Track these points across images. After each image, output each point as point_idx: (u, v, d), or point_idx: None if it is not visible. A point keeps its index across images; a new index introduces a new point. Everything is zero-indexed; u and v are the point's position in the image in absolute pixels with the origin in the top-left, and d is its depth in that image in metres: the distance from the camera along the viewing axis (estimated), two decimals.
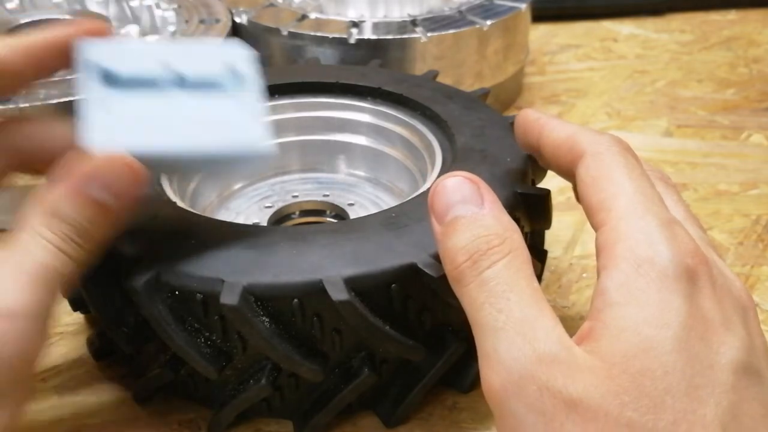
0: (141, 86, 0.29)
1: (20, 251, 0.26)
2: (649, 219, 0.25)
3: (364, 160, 0.45)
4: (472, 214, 0.26)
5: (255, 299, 0.29)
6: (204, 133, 0.29)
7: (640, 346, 0.22)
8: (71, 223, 0.26)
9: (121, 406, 0.34)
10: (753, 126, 0.59)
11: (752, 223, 0.48)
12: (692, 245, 0.25)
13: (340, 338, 0.30)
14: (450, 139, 0.39)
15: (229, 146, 0.30)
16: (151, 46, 0.29)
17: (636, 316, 0.23)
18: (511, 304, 0.24)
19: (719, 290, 0.24)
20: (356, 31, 0.54)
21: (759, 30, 0.78)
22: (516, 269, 0.25)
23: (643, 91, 0.65)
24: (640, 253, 0.24)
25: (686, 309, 0.23)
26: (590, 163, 0.28)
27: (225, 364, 0.31)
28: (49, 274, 0.26)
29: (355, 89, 0.44)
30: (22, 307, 0.25)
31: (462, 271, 0.25)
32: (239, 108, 0.30)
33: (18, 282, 0.25)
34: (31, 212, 0.26)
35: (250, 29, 0.57)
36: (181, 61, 0.30)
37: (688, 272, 0.24)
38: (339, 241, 0.30)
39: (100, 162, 0.27)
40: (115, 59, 0.29)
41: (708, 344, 0.23)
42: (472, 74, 0.57)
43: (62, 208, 0.26)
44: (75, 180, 0.27)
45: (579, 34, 0.77)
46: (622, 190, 0.26)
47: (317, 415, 0.32)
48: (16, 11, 0.60)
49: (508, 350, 0.23)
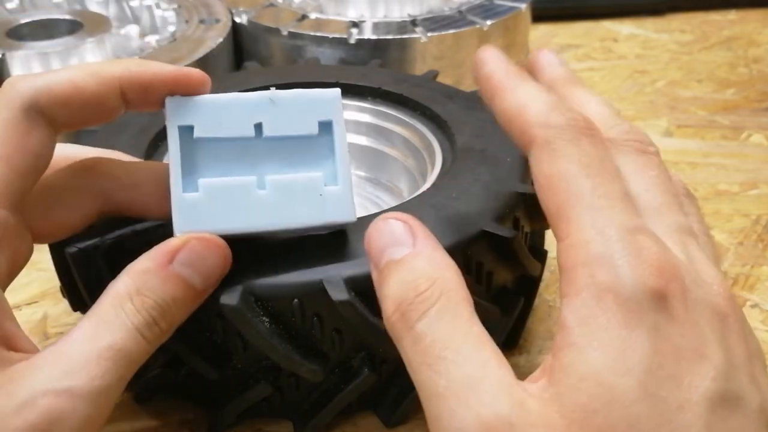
0: (227, 151, 0.29)
1: (101, 327, 0.25)
2: (610, 233, 0.22)
3: (364, 160, 0.45)
4: (401, 257, 0.25)
5: (255, 299, 0.29)
6: (290, 207, 0.29)
7: (601, 398, 0.20)
8: (157, 301, 0.26)
9: (121, 406, 0.34)
10: (753, 126, 0.59)
11: (752, 223, 0.48)
12: (659, 260, 0.22)
13: (340, 338, 0.30)
14: (450, 139, 0.39)
15: (313, 221, 0.29)
16: (241, 101, 0.28)
17: (597, 362, 0.21)
18: (449, 365, 0.22)
19: (693, 307, 0.22)
20: (356, 31, 0.54)
21: (759, 30, 0.78)
22: (451, 316, 0.23)
23: (643, 91, 0.65)
24: (601, 281, 0.22)
25: (651, 345, 0.21)
26: (541, 156, 0.25)
27: (225, 364, 0.31)
28: (123, 356, 0.25)
29: (355, 89, 0.44)
30: (85, 388, 0.24)
31: (393, 324, 0.24)
32: (324, 174, 0.29)
33: (89, 361, 0.24)
34: (118, 284, 0.26)
35: (250, 29, 0.57)
36: (270, 118, 0.29)
37: (655, 297, 0.21)
38: (339, 241, 0.30)
39: (192, 242, 0.27)
40: (202, 118, 0.28)
41: (677, 382, 0.21)
42: (472, 74, 0.57)
43: (151, 283, 0.26)
44: (166, 257, 0.26)
45: (579, 34, 0.77)
46: (578, 192, 0.23)
47: (317, 415, 0.32)
48: (16, 11, 0.60)
49: (451, 421, 0.21)
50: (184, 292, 0.26)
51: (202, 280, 0.27)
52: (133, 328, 0.25)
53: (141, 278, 0.26)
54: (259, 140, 0.29)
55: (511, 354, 0.37)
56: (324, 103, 0.30)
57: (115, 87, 0.27)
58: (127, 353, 0.25)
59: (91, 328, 0.25)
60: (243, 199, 0.28)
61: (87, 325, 0.25)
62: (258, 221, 0.28)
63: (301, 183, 0.29)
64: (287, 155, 0.29)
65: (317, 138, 0.30)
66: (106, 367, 0.24)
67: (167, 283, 0.26)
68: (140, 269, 0.26)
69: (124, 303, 0.25)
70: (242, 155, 0.29)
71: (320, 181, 0.29)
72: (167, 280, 0.26)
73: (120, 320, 0.25)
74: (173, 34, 0.55)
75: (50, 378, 0.23)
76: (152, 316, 0.26)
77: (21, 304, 0.41)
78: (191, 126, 0.28)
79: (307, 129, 0.29)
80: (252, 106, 0.29)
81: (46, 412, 0.23)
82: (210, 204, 0.28)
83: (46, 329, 0.39)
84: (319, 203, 0.29)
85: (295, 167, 0.29)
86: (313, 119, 0.29)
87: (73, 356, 0.24)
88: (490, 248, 0.31)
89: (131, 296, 0.25)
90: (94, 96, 0.27)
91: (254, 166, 0.29)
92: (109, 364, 0.24)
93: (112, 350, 0.24)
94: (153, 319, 0.26)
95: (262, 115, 0.29)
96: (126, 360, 0.25)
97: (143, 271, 0.26)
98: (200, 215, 0.28)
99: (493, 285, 0.33)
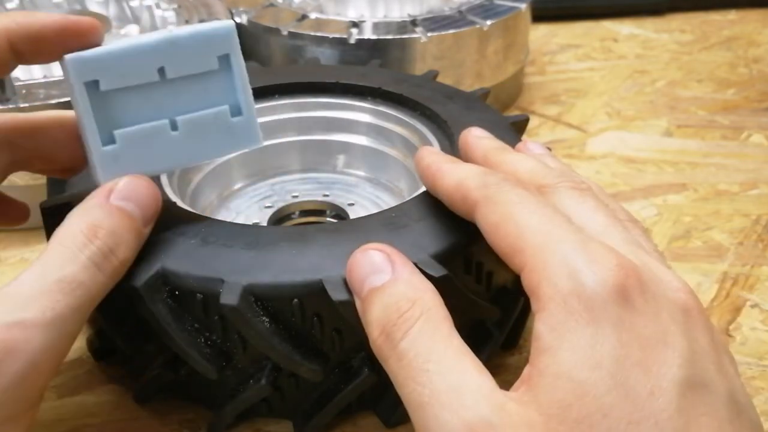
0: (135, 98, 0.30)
1: (49, 263, 0.26)
2: (563, 247, 0.24)
3: (364, 160, 0.45)
4: (382, 283, 0.26)
5: (255, 299, 0.29)
6: (202, 142, 0.31)
7: (575, 392, 0.22)
8: (109, 229, 0.27)
9: (121, 406, 0.34)
10: (753, 126, 0.59)
11: (752, 223, 0.48)
12: (614, 260, 0.24)
13: (340, 338, 0.30)
14: (450, 139, 0.39)
15: (225, 151, 0.32)
16: (141, 48, 0.29)
17: (569, 361, 0.22)
18: (431, 376, 0.23)
19: (653, 299, 0.23)
20: (356, 31, 0.54)
21: (759, 30, 0.78)
22: (431, 332, 0.24)
23: (643, 91, 0.65)
24: (563, 287, 0.23)
25: (617, 337, 0.22)
26: (485, 210, 0.27)
27: (225, 364, 0.31)
28: (76, 287, 0.25)
29: (355, 89, 0.44)
30: (37, 318, 0.24)
31: (379, 346, 0.25)
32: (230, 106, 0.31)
33: (40, 294, 0.25)
34: (65, 225, 0.27)
35: (250, 29, 0.57)
36: (171, 61, 0.30)
37: (615, 292, 0.23)
38: (339, 241, 0.30)
39: (122, 180, 0.29)
40: (104, 70, 0.29)
41: (646, 369, 0.22)
42: (472, 74, 0.57)
43: (98, 214, 0.27)
44: (104, 194, 0.28)
45: (579, 34, 0.77)
46: (525, 226, 0.25)
47: (317, 415, 0.32)
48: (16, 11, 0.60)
49: (437, 426, 0.22)
50: (129, 223, 0.28)
51: (140, 211, 0.28)
52: (86, 259, 0.26)
53: (88, 214, 0.27)
54: (164, 83, 0.30)
55: (510, 354, 0.37)
56: (220, 38, 0.31)
57: (2, 39, 0.28)
58: (80, 284, 0.26)
59: (40, 265, 0.26)
60: (158, 143, 0.30)
61: (36, 264, 0.26)
62: (175, 160, 0.31)
63: (210, 119, 0.31)
64: (192, 93, 0.31)
65: (218, 72, 0.31)
66: (57, 299, 0.25)
67: (112, 214, 0.28)
68: (83, 209, 0.28)
69: (75, 238, 0.26)
70: (149, 100, 0.30)
71: (227, 114, 0.31)
72: (111, 212, 0.28)
73: (70, 254, 0.26)
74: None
75: (2, 312, 0.24)
76: (107, 245, 0.27)
77: None
78: (96, 80, 0.29)
79: (208, 65, 0.30)
80: (151, 51, 0.29)
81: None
82: (129, 152, 0.30)
83: None
84: (228, 134, 0.31)
85: (201, 103, 0.31)
86: (212, 55, 0.30)
87: (24, 291, 0.25)
88: (490, 248, 0.31)
89: (82, 230, 0.27)
90: None
91: (163, 108, 0.30)
92: (61, 295, 0.25)
93: (63, 282, 0.25)
94: (108, 248, 0.27)
95: (162, 59, 0.30)
96: (81, 290, 0.25)
97: (86, 209, 0.28)
98: (121, 164, 0.29)
99: (493, 285, 0.33)
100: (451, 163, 0.31)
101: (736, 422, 0.22)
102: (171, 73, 0.30)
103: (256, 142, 0.32)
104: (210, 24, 0.31)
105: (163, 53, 0.30)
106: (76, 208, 0.28)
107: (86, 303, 0.26)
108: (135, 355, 0.33)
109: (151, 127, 0.30)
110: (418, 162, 0.33)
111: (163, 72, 0.30)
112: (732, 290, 0.42)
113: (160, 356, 0.32)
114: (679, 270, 0.26)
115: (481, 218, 0.27)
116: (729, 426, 0.22)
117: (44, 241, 0.34)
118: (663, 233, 0.47)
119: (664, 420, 0.21)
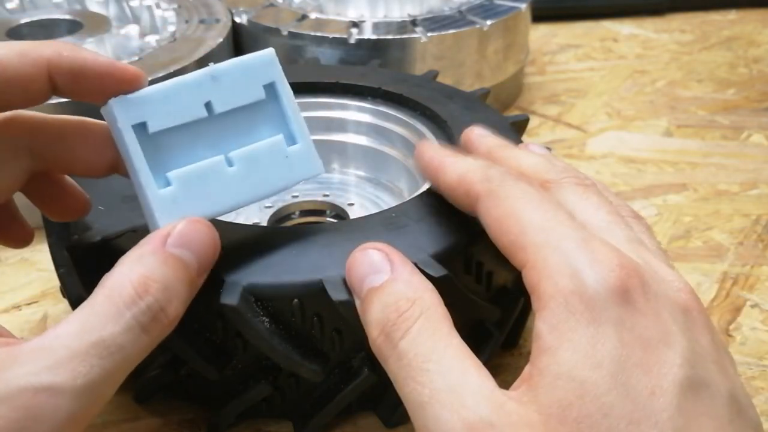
0: (184, 137, 0.28)
1: (92, 319, 0.23)
2: (565, 245, 0.24)
3: (364, 160, 0.45)
4: (381, 283, 0.26)
5: (255, 299, 0.29)
6: (261, 176, 0.29)
7: (575, 392, 0.21)
8: (163, 283, 0.25)
9: (121, 406, 0.34)
10: (753, 126, 0.59)
11: (752, 223, 0.48)
12: (616, 259, 0.24)
13: (340, 338, 0.30)
14: (450, 139, 0.39)
15: (285, 183, 0.30)
16: (183, 85, 0.28)
17: (569, 360, 0.22)
18: (432, 375, 0.23)
19: (654, 299, 0.23)
20: (356, 31, 0.54)
21: (759, 30, 0.78)
22: (431, 331, 0.24)
23: (643, 91, 0.65)
24: (564, 287, 0.23)
25: (618, 338, 0.22)
26: (488, 204, 0.27)
27: (225, 364, 0.31)
28: (114, 352, 0.23)
29: (355, 89, 0.44)
30: (68, 384, 0.22)
31: (379, 346, 0.25)
32: (284, 135, 0.30)
33: (75, 356, 0.23)
34: (114, 274, 0.25)
35: (250, 29, 0.57)
36: (217, 94, 0.29)
37: (617, 292, 0.23)
38: (339, 241, 0.30)
39: (180, 225, 0.26)
40: (151, 112, 0.28)
41: (646, 370, 0.22)
42: (472, 74, 0.57)
43: (151, 265, 0.25)
44: (160, 241, 0.26)
45: (579, 34, 0.77)
46: (528, 223, 0.25)
47: (317, 415, 0.32)
48: (16, 11, 0.60)
49: (437, 425, 0.22)
50: (184, 275, 0.26)
51: (197, 260, 0.26)
52: (132, 319, 0.24)
53: (140, 263, 0.25)
54: (212, 118, 0.29)
55: (510, 354, 0.37)
56: (263, 67, 0.30)
57: (42, 69, 0.26)
58: (120, 347, 0.23)
59: (80, 320, 0.23)
60: (215, 181, 0.28)
61: (77, 318, 0.24)
62: (235, 197, 0.29)
63: (266, 150, 0.29)
64: (242, 126, 0.30)
65: (265, 102, 0.30)
66: (92, 363, 0.23)
67: (166, 264, 0.25)
68: (136, 256, 0.25)
69: (122, 291, 0.24)
70: (199, 137, 0.29)
71: (282, 144, 0.30)
72: (166, 261, 0.25)
73: (115, 311, 0.24)
74: (173, 34, 0.55)
75: (31, 372, 0.22)
76: (158, 302, 0.24)
77: (21, 304, 0.41)
78: (144, 122, 0.28)
79: (255, 95, 0.29)
80: (195, 87, 0.28)
81: (24, 408, 0.22)
82: (186, 193, 0.28)
83: (46, 329, 0.39)
84: (286, 165, 0.30)
85: (252, 136, 0.30)
86: (257, 84, 0.30)
87: (58, 350, 0.23)
88: (490, 248, 0.31)
89: (132, 283, 0.24)
90: (18, 75, 0.26)
91: (214, 144, 0.29)
92: (97, 360, 0.23)
93: (101, 345, 0.23)
94: (159, 306, 0.24)
95: (208, 94, 0.29)
96: (120, 355, 0.23)
97: (140, 256, 0.25)
98: (179, 207, 0.28)
99: (493, 285, 0.33)
100: (453, 156, 0.30)
101: (737, 422, 0.22)
102: (219, 107, 0.29)
103: (317, 169, 0.30)
104: (252, 55, 0.30)
105: (207, 87, 0.28)
106: (128, 254, 0.25)
107: (124, 368, 0.24)
108: None
109: (207, 165, 0.28)
110: (419, 157, 0.32)
111: (211, 107, 0.29)
112: (732, 290, 0.42)
113: (160, 356, 0.32)
114: (679, 270, 0.26)
115: (484, 212, 0.27)
116: (729, 426, 0.22)
117: (44, 240, 0.34)
118: (663, 233, 0.47)
119: (665, 420, 0.21)
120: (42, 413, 0.22)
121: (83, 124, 0.30)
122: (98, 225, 0.31)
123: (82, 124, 0.29)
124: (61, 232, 0.33)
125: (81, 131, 0.29)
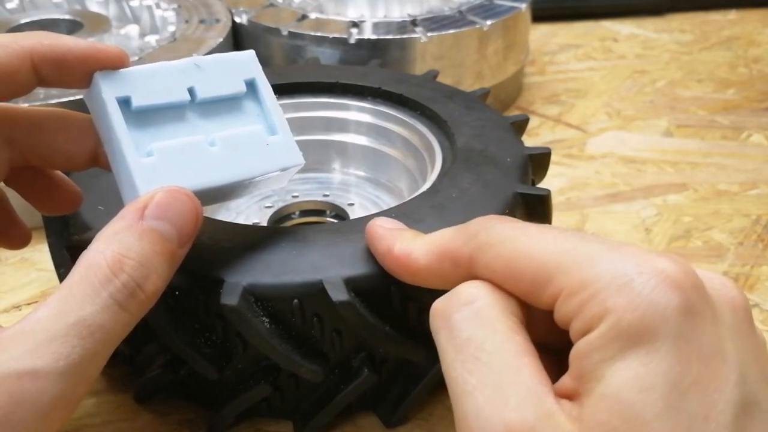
0: (165, 117, 0.29)
1: (69, 301, 0.23)
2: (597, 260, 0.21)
3: (364, 160, 0.45)
4: None
5: (255, 299, 0.29)
6: (242, 159, 0.29)
7: (620, 416, 0.20)
8: (140, 260, 0.24)
9: (121, 406, 0.34)
10: (753, 126, 0.59)
11: (752, 223, 0.48)
12: (662, 263, 0.21)
13: (340, 338, 0.30)
14: (450, 139, 0.39)
15: (266, 169, 0.30)
16: (169, 69, 0.29)
17: (618, 381, 0.20)
18: (481, 365, 0.21)
19: (710, 302, 0.21)
20: (356, 31, 0.54)
21: (759, 30, 0.78)
22: (491, 319, 0.22)
23: (643, 91, 0.65)
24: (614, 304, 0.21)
25: (675, 355, 0.20)
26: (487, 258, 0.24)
27: (225, 364, 0.31)
28: (95, 331, 0.23)
29: (355, 89, 0.44)
30: (50, 367, 0.22)
31: (434, 312, 0.23)
32: (263, 124, 0.31)
33: (55, 339, 0.22)
34: (89, 252, 0.24)
35: (250, 29, 0.57)
36: (200, 82, 0.29)
37: (676, 302, 0.20)
38: (339, 241, 0.30)
39: (159, 195, 0.26)
40: (135, 88, 0.28)
41: (703, 389, 0.20)
42: (472, 74, 0.57)
43: (127, 241, 0.24)
44: (136, 214, 0.25)
45: (579, 34, 0.77)
46: (542, 254, 0.22)
47: (317, 415, 0.32)
48: (16, 11, 0.60)
49: (477, 419, 0.21)
50: (162, 248, 0.25)
51: (177, 232, 0.26)
52: (108, 297, 0.23)
53: (115, 239, 0.24)
54: (194, 105, 0.30)
55: None
56: (244, 64, 0.31)
57: (25, 59, 0.26)
58: (99, 326, 0.23)
59: (59, 302, 0.23)
60: (197, 157, 0.29)
61: (55, 300, 0.23)
62: (215, 174, 0.29)
63: (247, 136, 0.30)
64: (223, 115, 0.30)
65: (246, 97, 0.31)
66: (73, 344, 0.22)
67: (142, 239, 0.24)
68: (111, 232, 0.25)
69: (98, 271, 0.23)
70: (181, 121, 0.29)
71: (262, 133, 0.30)
72: (141, 236, 0.24)
73: (91, 291, 0.23)
74: (173, 34, 0.55)
75: (13, 357, 0.22)
76: (134, 279, 0.24)
77: (21, 304, 0.41)
78: (128, 97, 0.28)
79: (236, 88, 0.30)
80: (180, 73, 0.29)
81: (8, 394, 0.21)
82: (167, 166, 0.28)
83: None
84: (267, 152, 0.30)
85: (232, 125, 0.30)
86: (238, 78, 0.31)
87: (39, 334, 0.22)
88: None
89: (106, 261, 0.24)
90: (2, 67, 0.26)
91: (194, 128, 0.30)
92: (78, 340, 0.23)
93: (80, 325, 0.23)
94: (135, 283, 0.24)
95: (191, 80, 0.29)
96: (100, 334, 0.23)
97: (115, 232, 0.24)
98: (160, 176, 0.27)
99: None
100: (416, 236, 0.27)
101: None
102: (201, 93, 0.29)
103: (298, 160, 0.31)
104: (234, 53, 0.31)
105: (191, 73, 0.29)
106: (103, 230, 0.25)
107: (106, 346, 0.24)
108: (135, 355, 0.33)
109: (189, 141, 0.29)
110: (375, 251, 0.29)
111: (194, 92, 0.29)
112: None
113: (160, 356, 0.32)
114: None
115: (486, 268, 0.24)
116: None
117: (44, 240, 0.34)
118: (663, 233, 0.47)
119: None
120: (26, 397, 0.22)
121: (62, 114, 0.30)
122: (98, 225, 0.31)
123: (61, 115, 0.30)
124: (61, 232, 0.33)
125: (60, 122, 0.30)
